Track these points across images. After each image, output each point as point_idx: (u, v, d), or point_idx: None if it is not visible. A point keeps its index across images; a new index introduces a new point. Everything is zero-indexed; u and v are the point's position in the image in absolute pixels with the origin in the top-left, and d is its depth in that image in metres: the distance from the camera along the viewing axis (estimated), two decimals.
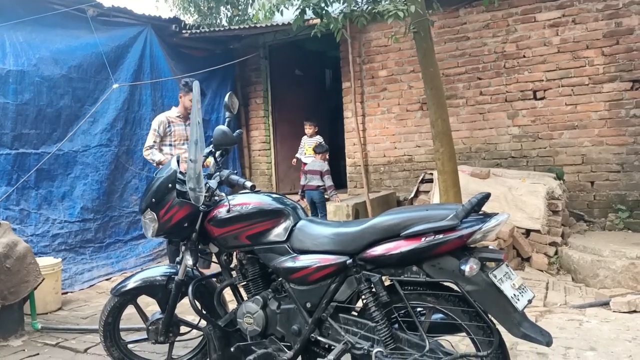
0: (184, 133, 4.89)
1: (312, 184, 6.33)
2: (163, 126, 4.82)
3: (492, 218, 1.96)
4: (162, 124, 4.83)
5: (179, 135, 4.88)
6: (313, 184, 6.33)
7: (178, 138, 4.87)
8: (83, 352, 3.51)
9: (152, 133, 4.83)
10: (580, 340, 3.27)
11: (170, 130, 4.83)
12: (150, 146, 4.81)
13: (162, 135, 4.81)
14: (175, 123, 4.88)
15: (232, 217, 2.46)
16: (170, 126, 4.84)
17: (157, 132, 4.81)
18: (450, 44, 6.62)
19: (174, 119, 4.89)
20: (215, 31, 7.49)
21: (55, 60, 5.50)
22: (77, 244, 5.51)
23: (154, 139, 4.80)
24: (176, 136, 4.87)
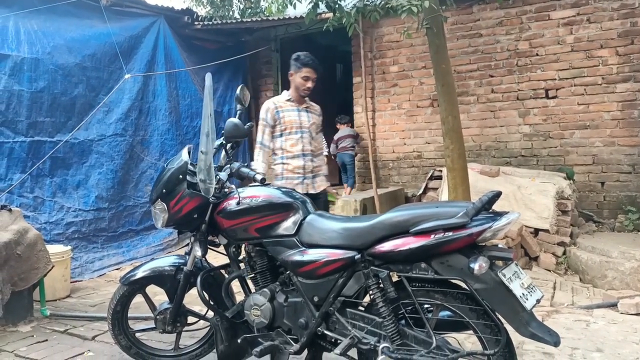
0: (297, 119, 3.91)
1: (345, 145, 7.35)
2: (271, 114, 3.90)
3: (503, 217, 1.95)
4: (270, 112, 3.91)
5: (291, 123, 3.89)
6: (347, 146, 7.33)
7: (289, 126, 3.90)
8: (91, 340, 3.55)
9: (260, 125, 3.94)
10: (587, 341, 3.26)
11: (279, 118, 3.89)
12: (259, 143, 3.90)
13: (272, 124, 3.91)
14: (284, 108, 3.93)
15: (241, 210, 2.46)
16: (279, 112, 3.91)
17: (266, 122, 3.90)
18: (462, 40, 6.58)
19: (282, 104, 3.95)
20: (228, 23, 7.50)
21: (70, 48, 5.54)
22: (91, 232, 5.56)
23: (262, 132, 3.91)
24: (287, 124, 3.89)
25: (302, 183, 3.80)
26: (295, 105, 3.96)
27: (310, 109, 4.00)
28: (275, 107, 3.91)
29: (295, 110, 3.95)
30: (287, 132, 3.89)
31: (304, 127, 3.88)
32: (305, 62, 3.86)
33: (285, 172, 3.81)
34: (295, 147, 3.84)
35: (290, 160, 3.81)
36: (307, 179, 3.85)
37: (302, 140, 3.85)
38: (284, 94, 4.09)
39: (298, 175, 3.81)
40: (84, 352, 3.32)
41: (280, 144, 3.88)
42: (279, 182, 3.81)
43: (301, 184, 3.79)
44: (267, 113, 3.91)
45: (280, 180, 3.83)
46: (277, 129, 3.91)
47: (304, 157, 3.84)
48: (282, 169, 3.83)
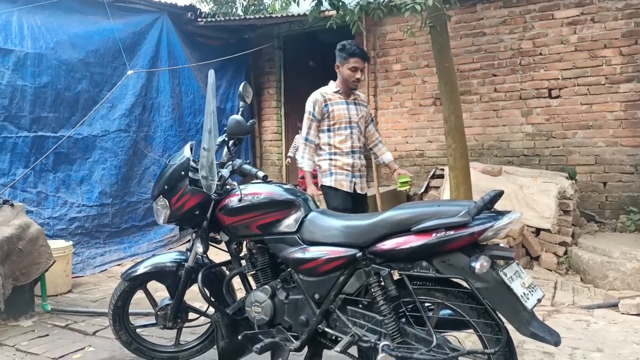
0: (345, 114, 3.66)
1: None
2: (319, 107, 3.62)
3: (505, 216, 1.95)
4: (318, 104, 3.63)
5: (340, 118, 3.64)
6: None
7: (338, 121, 3.64)
8: (92, 335, 3.56)
9: (306, 118, 3.69)
10: (588, 341, 3.26)
11: (328, 111, 3.62)
12: (305, 139, 3.68)
13: (319, 118, 3.63)
14: (333, 101, 3.64)
15: (243, 207, 2.47)
16: (328, 105, 3.62)
17: (313, 115, 3.64)
18: (466, 39, 6.57)
19: (331, 96, 3.67)
20: (231, 20, 7.49)
21: (73, 44, 5.55)
22: (94, 228, 5.58)
23: (308, 126, 3.66)
24: (336, 118, 3.63)
25: (351, 181, 3.66)
26: (344, 97, 3.69)
27: (358, 101, 3.78)
28: (324, 100, 3.62)
29: (344, 103, 3.68)
30: (336, 127, 3.63)
31: (353, 121, 3.68)
32: (352, 51, 3.61)
33: (333, 168, 3.64)
34: (344, 144, 3.65)
35: (338, 157, 3.65)
36: (355, 177, 3.69)
37: (352, 136, 3.67)
38: (331, 84, 3.76)
39: (347, 172, 3.66)
40: (84, 347, 3.33)
41: (327, 140, 3.64)
42: (327, 178, 3.66)
43: (349, 182, 3.65)
44: (314, 106, 3.62)
45: (328, 176, 3.66)
46: (325, 123, 3.64)
47: (353, 155, 3.68)
48: (330, 164, 3.66)
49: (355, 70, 3.61)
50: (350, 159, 3.66)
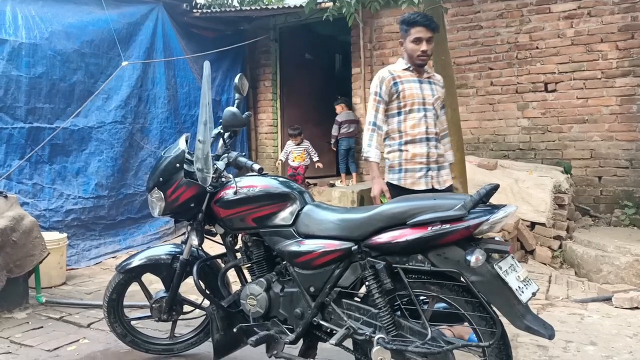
0: (419, 93, 3.06)
1: (351, 131, 7.23)
2: (387, 86, 3.04)
3: (500, 210, 1.95)
4: (385, 83, 3.04)
5: (412, 98, 3.04)
6: (353, 131, 7.22)
7: (410, 102, 3.04)
8: (86, 327, 3.55)
9: (372, 101, 3.10)
10: (581, 334, 3.28)
11: (398, 91, 3.04)
12: (371, 124, 3.08)
13: (387, 100, 3.06)
14: (403, 79, 3.06)
15: (238, 199, 2.46)
16: (397, 84, 3.04)
17: (379, 96, 3.06)
18: (462, 32, 6.55)
19: (401, 74, 3.08)
20: (226, 11, 7.45)
21: (68, 34, 5.50)
22: (90, 220, 5.55)
23: (375, 109, 3.07)
24: (407, 99, 3.03)
25: (426, 176, 3.02)
26: (416, 75, 3.10)
27: (432, 80, 3.18)
28: (393, 78, 3.05)
29: (416, 81, 3.09)
30: (408, 109, 3.04)
31: (427, 103, 3.07)
32: (412, 20, 3.05)
33: (404, 162, 3.04)
34: (417, 129, 3.03)
35: (410, 147, 3.02)
36: (431, 170, 3.05)
37: (426, 120, 3.04)
38: (399, 62, 3.17)
39: (421, 165, 3.03)
40: (79, 339, 3.32)
41: (396, 125, 3.07)
42: (395, 175, 3.06)
43: (424, 177, 3.02)
44: (381, 85, 3.05)
45: (396, 173, 3.06)
46: (394, 105, 3.07)
47: (428, 142, 3.04)
48: (400, 158, 3.06)
49: (419, 42, 3.00)
50: (424, 148, 3.02)
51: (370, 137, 3.05)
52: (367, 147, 3.05)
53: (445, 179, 3.13)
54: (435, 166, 3.07)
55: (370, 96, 3.12)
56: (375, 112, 3.08)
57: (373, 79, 3.14)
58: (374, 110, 3.08)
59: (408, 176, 3.03)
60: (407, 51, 3.09)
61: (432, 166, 3.06)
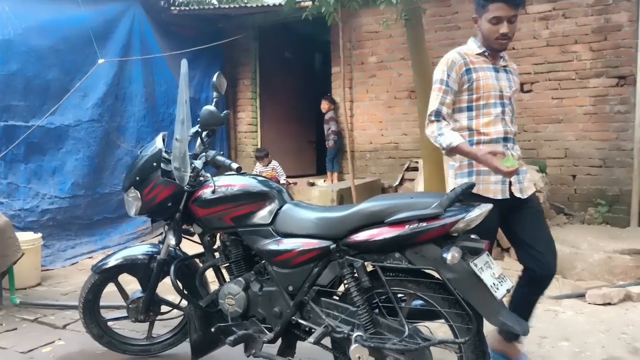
0: (495, 84, 2.48)
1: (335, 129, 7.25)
2: (457, 72, 2.45)
3: (475, 208, 1.98)
4: (456, 68, 2.44)
5: (488, 89, 2.46)
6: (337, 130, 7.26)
7: (485, 94, 2.46)
8: (62, 328, 3.50)
9: (435, 91, 2.48)
10: (556, 330, 3.34)
11: (471, 80, 2.45)
12: (435, 113, 2.45)
13: (456, 89, 2.47)
14: (477, 66, 2.48)
15: (216, 198, 2.45)
16: (470, 71, 2.46)
17: (447, 85, 2.45)
18: (441, 32, 6.61)
19: (474, 58, 2.50)
20: (205, 9, 7.40)
21: (43, 31, 5.39)
22: (66, 220, 5.47)
23: (438, 100, 2.45)
24: (482, 90, 2.45)
25: (504, 182, 2.44)
26: (491, 61, 2.52)
27: (509, 69, 2.61)
28: (466, 63, 2.45)
29: (491, 69, 2.50)
30: (482, 103, 2.46)
31: (505, 96, 2.49)
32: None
33: (476, 164, 2.44)
34: (493, 128, 2.45)
35: (483, 148, 2.40)
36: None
37: (504, 117, 2.47)
38: (471, 43, 2.58)
39: None
40: (54, 341, 3.27)
41: (466, 122, 2.49)
42: (464, 180, 2.46)
43: (501, 184, 2.44)
44: (449, 71, 2.44)
45: (465, 176, 2.48)
46: (464, 97, 2.48)
47: (506, 144, 2.47)
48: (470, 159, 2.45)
49: (498, 22, 2.41)
50: (502, 150, 2.43)
51: (438, 127, 2.41)
52: (438, 136, 2.40)
53: (527, 186, 2.54)
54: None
55: (434, 84, 2.48)
56: (440, 105, 2.43)
57: (439, 63, 2.50)
58: (437, 102, 2.44)
59: (481, 180, 2.43)
60: (482, 32, 2.49)
61: None
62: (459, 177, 2.51)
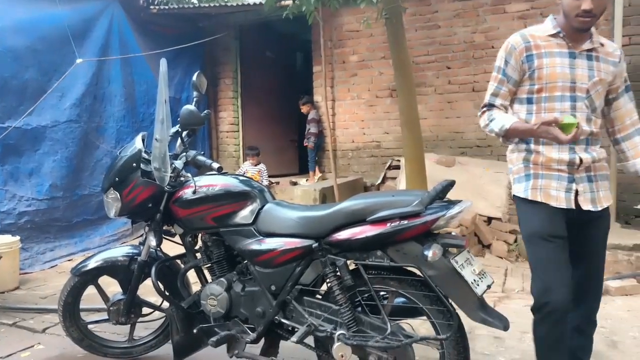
0: (566, 73, 2.06)
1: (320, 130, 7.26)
2: (516, 58, 2.11)
3: (456, 205, 2.00)
4: (515, 55, 2.11)
5: (554, 78, 2.07)
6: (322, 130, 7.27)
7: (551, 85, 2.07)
8: (41, 332, 3.45)
9: (492, 79, 2.22)
10: None
11: (532, 67, 2.09)
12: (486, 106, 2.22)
13: (516, 79, 2.14)
14: (544, 50, 2.09)
15: (198, 199, 2.44)
16: (532, 57, 2.09)
17: (503, 74, 2.15)
18: (421, 31, 6.65)
19: (542, 41, 2.11)
20: (184, 8, 7.33)
21: (19, 30, 5.28)
22: (44, 222, 5.37)
23: (493, 91, 2.20)
24: (545, 80, 2.07)
25: (568, 189, 2.06)
26: (567, 44, 2.08)
27: (597, 53, 2.11)
28: (527, 48, 2.08)
29: (565, 55, 2.07)
30: (545, 95, 2.07)
31: (579, 88, 2.06)
32: None
33: (532, 166, 2.11)
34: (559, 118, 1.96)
35: (544, 149, 2.08)
36: (579, 182, 2.07)
37: (574, 113, 2.06)
38: (547, 22, 2.16)
39: (560, 173, 2.07)
40: (33, 345, 3.22)
41: (524, 116, 2.14)
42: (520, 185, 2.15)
43: (565, 191, 2.06)
44: (508, 58, 2.12)
45: (522, 181, 2.14)
46: (524, 88, 2.13)
47: (575, 144, 2.06)
48: (527, 161, 2.13)
49: None
50: (566, 152, 2.05)
51: (488, 115, 2.18)
52: (488, 122, 2.16)
53: (602, 196, 2.12)
54: (584, 176, 2.08)
55: (495, 70, 2.19)
56: (492, 97, 2.19)
57: (501, 48, 2.17)
58: (490, 93, 2.20)
59: (540, 185, 2.08)
60: (562, 7, 2.08)
61: (579, 176, 2.07)
62: (516, 182, 2.17)
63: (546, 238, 2.05)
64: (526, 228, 2.15)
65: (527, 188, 2.13)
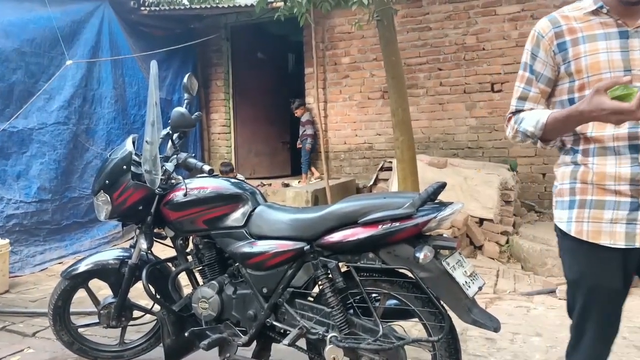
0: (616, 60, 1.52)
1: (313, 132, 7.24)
2: (545, 49, 1.63)
3: (447, 207, 2.00)
4: (543, 44, 1.64)
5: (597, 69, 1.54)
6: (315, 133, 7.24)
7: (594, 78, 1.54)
8: (31, 336, 3.42)
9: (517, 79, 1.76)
10: (527, 326, 3.40)
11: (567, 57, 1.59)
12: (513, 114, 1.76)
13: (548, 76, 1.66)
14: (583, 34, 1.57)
15: (189, 201, 2.42)
16: (565, 44, 1.59)
17: (530, 71, 1.70)
18: (412, 33, 6.67)
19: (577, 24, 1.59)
20: (175, 9, 7.31)
21: (6, 33, 5.24)
22: (33, 225, 5.31)
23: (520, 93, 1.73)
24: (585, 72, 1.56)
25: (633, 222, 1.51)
26: (614, 22, 1.56)
27: None
28: (559, 34, 1.61)
29: (613, 35, 1.55)
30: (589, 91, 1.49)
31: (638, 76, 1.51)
32: None
33: (580, 186, 1.58)
34: (609, 130, 1.53)
35: (596, 160, 1.56)
36: None
37: None
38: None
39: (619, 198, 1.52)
40: (23, 349, 3.19)
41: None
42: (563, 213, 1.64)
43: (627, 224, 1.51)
44: (535, 48, 1.66)
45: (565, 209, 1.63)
46: (564, 85, 1.64)
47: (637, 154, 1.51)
48: (574, 179, 1.61)
49: None
50: (628, 165, 1.51)
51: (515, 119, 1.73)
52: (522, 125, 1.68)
53: None
54: None
55: (519, 72, 1.75)
56: (520, 102, 1.73)
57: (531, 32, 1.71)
58: (515, 98, 1.75)
59: (586, 216, 1.57)
60: None
61: None
62: (558, 208, 1.67)
63: (593, 291, 1.58)
64: (567, 272, 1.72)
65: (571, 219, 1.60)
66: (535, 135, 1.62)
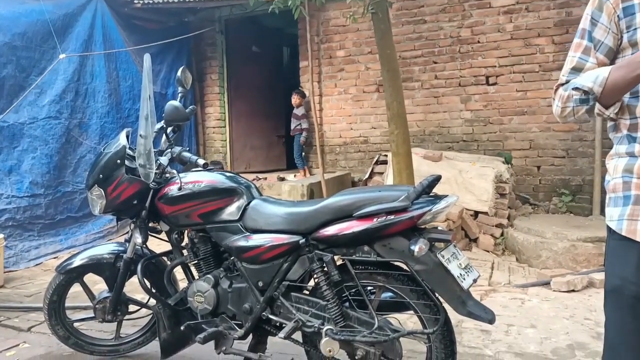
0: None
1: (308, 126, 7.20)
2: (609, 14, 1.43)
3: (442, 200, 2.00)
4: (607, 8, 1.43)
5: None
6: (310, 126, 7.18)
7: None
8: (27, 331, 3.41)
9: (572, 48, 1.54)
10: (522, 317, 3.42)
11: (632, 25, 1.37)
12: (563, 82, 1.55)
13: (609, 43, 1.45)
14: None
15: (183, 195, 2.42)
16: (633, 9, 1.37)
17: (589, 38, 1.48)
18: (407, 26, 6.66)
19: None
20: (169, 2, 7.25)
21: None
22: (26, 220, 5.29)
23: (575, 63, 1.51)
24: None
25: None
26: None
27: None
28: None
29: None
30: None
31: None
32: None
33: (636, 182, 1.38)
34: None
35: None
36: None
37: None
38: None
39: None
40: (19, 344, 3.18)
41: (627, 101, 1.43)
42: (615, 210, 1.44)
43: None
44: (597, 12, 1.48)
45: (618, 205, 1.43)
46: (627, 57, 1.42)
47: None
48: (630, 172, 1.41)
49: None
50: None
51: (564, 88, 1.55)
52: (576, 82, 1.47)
53: None
54: None
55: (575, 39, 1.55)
56: (572, 72, 1.53)
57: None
58: (568, 68, 1.54)
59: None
60: None
61: None
62: (611, 205, 1.48)
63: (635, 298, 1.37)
64: (609, 275, 1.47)
65: (623, 216, 1.41)
66: (594, 92, 1.39)
